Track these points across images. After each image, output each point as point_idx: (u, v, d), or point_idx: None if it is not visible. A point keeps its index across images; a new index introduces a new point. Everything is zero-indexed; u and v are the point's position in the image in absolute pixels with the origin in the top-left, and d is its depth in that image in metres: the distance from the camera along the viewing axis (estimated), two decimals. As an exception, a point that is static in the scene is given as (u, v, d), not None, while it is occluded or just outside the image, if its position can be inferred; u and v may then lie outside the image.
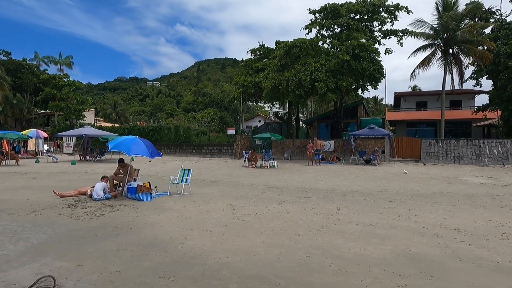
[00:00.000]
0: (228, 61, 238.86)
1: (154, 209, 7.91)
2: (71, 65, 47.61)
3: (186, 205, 8.30)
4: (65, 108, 36.81)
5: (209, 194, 10.08)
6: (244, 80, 33.79)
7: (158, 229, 6.00)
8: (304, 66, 24.38)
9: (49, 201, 8.82)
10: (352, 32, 24.81)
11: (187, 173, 10.19)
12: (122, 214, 7.30)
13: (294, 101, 25.85)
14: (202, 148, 30.77)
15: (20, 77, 43.71)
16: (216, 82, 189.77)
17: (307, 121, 38.17)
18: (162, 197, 9.50)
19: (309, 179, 14.08)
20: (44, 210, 7.68)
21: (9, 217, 7.00)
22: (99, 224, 6.39)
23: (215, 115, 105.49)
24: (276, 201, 8.98)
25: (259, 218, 6.93)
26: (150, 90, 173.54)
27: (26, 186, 11.73)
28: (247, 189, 11.34)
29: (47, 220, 6.76)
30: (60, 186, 11.80)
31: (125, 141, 9.21)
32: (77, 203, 8.49)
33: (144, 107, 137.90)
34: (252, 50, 37.29)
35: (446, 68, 25.69)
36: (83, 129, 23.95)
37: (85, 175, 15.35)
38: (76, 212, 7.50)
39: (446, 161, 22.85)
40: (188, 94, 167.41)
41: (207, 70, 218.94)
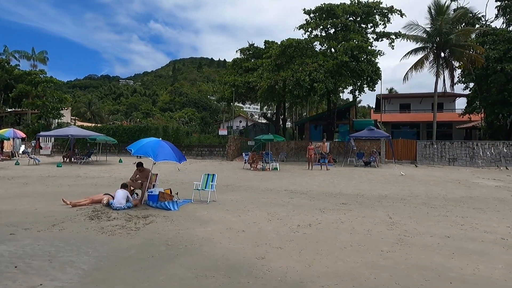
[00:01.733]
0: (205, 60, 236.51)
1: (192, 220, 7.09)
2: (46, 61, 44.81)
3: (224, 215, 7.54)
4: (41, 106, 34.43)
5: (236, 201, 9.34)
6: (235, 80, 33.00)
7: (220, 247, 5.24)
8: (302, 66, 23.99)
9: (63, 212, 7.77)
10: (349, 33, 24.70)
11: (212, 179, 9.39)
12: (161, 227, 6.44)
13: (292, 101, 25.39)
14: (192, 149, 29.70)
15: (-12, 72, 40.58)
16: (192, 81, 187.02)
17: (298, 123, 37.88)
18: (188, 205, 8.66)
19: (325, 183, 13.60)
20: (65, 224, 6.67)
21: (28, 233, 5.97)
22: (144, 241, 5.53)
23: (193, 115, 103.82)
24: (315, 208, 8.39)
25: (318, 230, 6.31)
26: (124, 89, 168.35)
27: (22, 193, 10.47)
28: (270, 194, 10.67)
29: (77, 236, 5.81)
30: (61, 192, 10.63)
31: (148, 144, 8.27)
32: (99, 214, 7.50)
33: (118, 106, 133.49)
34: (241, 50, 36.57)
35: (438, 71, 26.14)
36: (69, 129, 22.28)
37: (80, 180, 14.10)
38: (105, 225, 6.56)
39: (441, 163, 23.19)
40: (164, 93, 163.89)
41: (182, 69, 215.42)
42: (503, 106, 26.12)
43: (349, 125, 31.32)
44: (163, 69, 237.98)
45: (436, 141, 24.39)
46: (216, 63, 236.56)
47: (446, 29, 24.75)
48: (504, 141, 22.87)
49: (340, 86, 23.74)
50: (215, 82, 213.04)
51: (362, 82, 24.16)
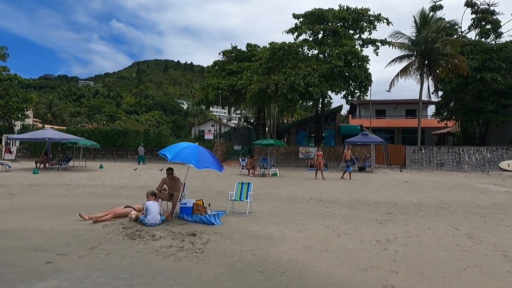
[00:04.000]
0: (170, 63, 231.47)
1: (251, 237, 6.20)
2: (5, 57, 40.76)
3: (283, 230, 6.72)
4: (3, 106, 31.16)
5: (275, 212, 8.54)
6: (219, 82, 32.01)
7: (325, 273, 4.45)
8: (295, 69, 23.63)
9: (88, 229, 6.57)
10: (341, 39, 24.74)
11: (247, 188, 8.52)
12: (226, 248, 5.51)
13: (284, 105, 24.89)
14: (176, 154, 28.19)
15: None
16: (158, 84, 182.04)
17: (284, 127, 37.55)
18: (227, 218, 7.74)
19: (343, 190, 13.15)
20: (105, 246, 5.54)
21: (69, 260, 4.82)
22: (227, 267, 4.61)
23: (161, 118, 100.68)
24: (367, 219, 7.81)
25: (404, 246, 5.71)
26: (86, 90, 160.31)
27: (16, 206, 8.96)
28: (301, 204, 9.97)
29: (137, 263, 4.75)
30: (63, 205, 9.29)
31: (186, 150, 7.23)
32: (136, 232, 6.37)
33: (79, 108, 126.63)
34: (224, 52, 35.67)
35: (422, 78, 26.92)
36: (45, 131, 20.12)
37: (72, 189, 12.55)
38: (156, 247, 5.51)
39: (429, 168, 23.75)
40: (128, 95, 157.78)
41: (147, 71, 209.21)
42: (479, 114, 27.45)
43: (335, 130, 31.43)
44: (126, 70, 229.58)
45: (424, 146, 25.01)
46: (182, 66, 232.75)
47: (431, 38, 25.56)
48: (487, 147, 23.89)
49: (334, 91, 23.61)
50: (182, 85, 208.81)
51: (355, 87, 24.23)
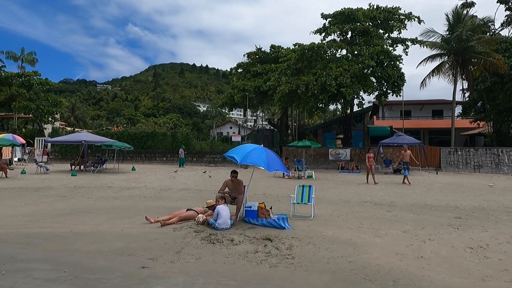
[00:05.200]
0: (186, 66, 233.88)
1: (332, 242, 5.96)
2: (34, 62, 41.91)
3: (360, 235, 6.45)
4: (35, 110, 31.90)
5: (338, 216, 8.28)
6: (245, 84, 31.95)
7: (438, 284, 4.17)
8: (325, 70, 23.28)
9: (161, 233, 6.48)
10: (372, 38, 24.26)
11: (309, 191, 8.28)
12: (317, 253, 5.29)
13: (314, 106, 24.56)
14: (204, 156, 28.27)
15: (-28, 73, 37.38)
16: (174, 87, 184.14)
17: (311, 129, 37.17)
18: (293, 222, 7.50)
19: (392, 193, 12.76)
20: (188, 250, 5.41)
21: (162, 265, 4.69)
22: (333, 276, 4.38)
23: (178, 121, 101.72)
24: (439, 224, 7.45)
25: (505, 254, 5.36)
26: (104, 94, 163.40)
27: (76, 209, 8.97)
28: (359, 207, 9.68)
29: (232, 269, 4.58)
30: (119, 207, 9.28)
31: (255, 153, 7.04)
32: (211, 236, 6.21)
33: (99, 111, 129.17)
34: (249, 54, 35.63)
35: (456, 77, 26.14)
36: (80, 134, 20.39)
37: (118, 191, 12.58)
38: (240, 252, 5.34)
39: (466, 170, 22.96)
40: (145, 98, 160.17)
41: (163, 74, 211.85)
42: (514, 114, 26.44)
43: (364, 131, 30.85)
44: (142, 74, 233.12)
45: (460, 147, 24.23)
46: (198, 68, 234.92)
47: (465, 36, 24.79)
48: (529, 148, 22.95)
49: (367, 92, 23.15)
50: (198, 87, 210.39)
51: (387, 87, 23.70)
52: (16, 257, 4.96)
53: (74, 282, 4.07)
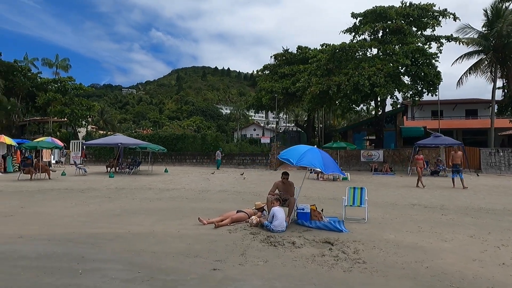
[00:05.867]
0: (208, 69, 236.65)
1: (398, 246, 5.72)
2: (68, 68, 43.65)
3: (422, 239, 6.18)
4: (69, 114, 33.10)
5: (391, 220, 8.00)
6: (272, 86, 31.88)
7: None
8: (357, 70, 22.85)
9: (215, 234, 6.46)
10: (405, 36, 23.62)
11: (360, 193, 8.05)
12: (387, 258, 5.08)
13: (346, 107, 24.14)
14: (233, 158, 28.36)
15: (11, 80, 39.28)
16: (197, 90, 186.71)
17: (340, 130, 36.66)
18: (347, 225, 7.30)
19: (438, 196, 12.29)
20: (251, 253, 5.33)
21: (233, 268, 4.63)
22: (417, 282, 4.17)
23: (201, 123, 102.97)
24: (506, 229, 7.05)
25: None
26: (130, 98, 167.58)
27: (125, 210, 9.12)
28: (406, 210, 9.36)
29: (307, 273, 4.45)
30: (163, 208, 9.40)
31: (309, 154, 6.90)
32: (269, 238, 6.12)
33: (125, 115, 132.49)
34: (275, 55, 35.59)
35: (496, 75, 25.02)
36: (117, 137, 20.94)
37: (159, 193, 12.74)
38: (306, 255, 5.21)
39: (509, 171, 21.88)
40: (169, 102, 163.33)
41: (186, 78, 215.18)
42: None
43: (396, 132, 30.05)
44: (165, 78, 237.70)
45: (502, 148, 23.14)
46: (220, 71, 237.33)
47: (506, 31, 23.69)
48: None
49: (401, 91, 22.54)
50: (220, 90, 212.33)
51: (423, 86, 22.98)
52: (87, 257, 5.03)
53: (152, 284, 4.07)
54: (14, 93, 39.96)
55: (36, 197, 11.03)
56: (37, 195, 11.57)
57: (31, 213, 8.42)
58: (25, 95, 40.47)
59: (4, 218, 7.76)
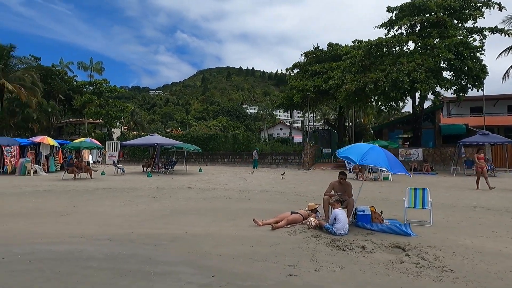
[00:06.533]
0: (232, 69, 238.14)
1: (481, 253, 5.24)
2: (102, 71, 45.05)
3: (506, 245, 5.65)
4: (105, 115, 34.08)
5: (458, 223, 7.46)
6: (304, 84, 31.38)
7: None
8: (395, 65, 21.98)
9: (275, 236, 6.23)
10: (446, 29, 22.48)
11: (423, 194, 7.54)
12: (475, 266, 4.63)
13: (385, 104, 23.29)
14: (265, 157, 28.13)
15: (50, 83, 40.95)
16: (222, 90, 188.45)
17: (376, 128, 35.64)
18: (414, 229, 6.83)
19: (496, 197, 11.47)
20: (322, 257, 5.02)
21: (309, 274, 4.35)
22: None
23: (227, 123, 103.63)
24: None
25: None
26: (157, 99, 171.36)
27: (174, 210, 9.06)
28: (467, 212, 8.75)
29: (392, 281, 4.10)
30: (211, 208, 9.28)
31: (373, 153, 6.48)
32: (333, 242, 5.80)
33: (153, 116, 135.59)
34: (306, 53, 35.04)
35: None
36: (153, 137, 21.22)
37: (200, 192, 12.67)
38: (381, 260, 4.84)
39: None
40: (195, 102, 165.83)
41: (210, 79, 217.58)
42: None
43: (434, 129, 28.77)
44: (191, 79, 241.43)
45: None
46: (244, 72, 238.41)
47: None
48: None
49: (444, 87, 21.48)
50: (245, 90, 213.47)
51: (467, 81, 21.78)
52: (154, 259, 4.91)
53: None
54: (52, 96, 41.67)
55: (85, 197, 11.23)
56: (84, 194, 11.79)
57: (84, 213, 8.51)
58: (62, 98, 42.10)
59: (61, 218, 7.87)
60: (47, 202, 10.10)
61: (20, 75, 31.79)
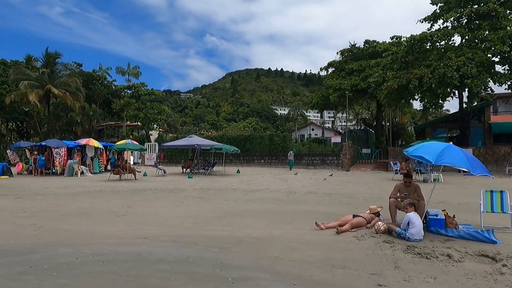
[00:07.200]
0: (261, 71, 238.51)
1: None
2: (138, 75, 46.36)
3: None
4: (142, 118, 35.00)
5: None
6: (340, 83, 30.58)
7: None
8: (442, 60, 20.81)
9: (343, 241, 5.86)
10: (498, 20, 21.00)
11: (501, 196, 6.87)
12: None
13: (431, 102, 22.12)
14: (302, 158, 27.63)
15: (91, 88, 42.70)
16: (251, 92, 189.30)
17: (419, 127, 34.19)
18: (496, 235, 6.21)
19: None
20: (402, 265, 4.60)
21: (400, 284, 3.94)
22: None
23: (257, 125, 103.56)
24: None
25: None
26: (189, 102, 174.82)
27: (228, 212, 8.89)
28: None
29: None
30: (264, 210, 8.99)
31: (451, 152, 5.95)
32: (414, 249, 5.34)
33: (185, 118, 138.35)
34: (342, 51, 34.19)
35: None
36: (193, 139, 21.40)
37: (246, 193, 12.47)
38: (475, 270, 4.35)
39: None
40: (225, 104, 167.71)
41: (239, 80, 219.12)
42: None
43: (483, 128, 27.03)
44: (220, 81, 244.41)
45: None
46: (273, 73, 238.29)
47: None
48: None
49: (497, 82, 20.07)
50: (274, 91, 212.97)
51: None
52: (225, 263, 4.70)
53: (320, 299, 3.55)
54: (93, 100, 43.42)
55: (135, 197, 11.36)
56: (134, 195, 11.95)
57: (139, 213, 8.54)
58: (102, 102, 43.76)
59: (118, 218, 7.92)
60: (101, 202, 10.29)
61: (65, 81, 33.32)
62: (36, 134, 36.04)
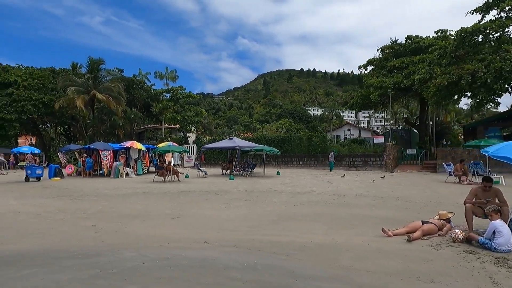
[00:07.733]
0: (293, 71, 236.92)
1: None
2: (176, 79, 47.47)
3: None
4: (181, 121, 35.70)
5: None
6: (382, 81, 29.38)
7: None
8: (498, 54, 19.30)
9: (417, 250, 5.39)
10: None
11: None
12: None
13: (485, 98, 20.64)
14: (343, 159, 26.82)
15: (131, 92, 44.27)
16: (284, 93, 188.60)
17: (469, 126, 32.26)
18: None
19: None
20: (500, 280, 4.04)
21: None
22: None
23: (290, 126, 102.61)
24: None
25: None
26: (222, 104, 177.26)
27: (278, 214, 8.62)
28: None
29: None
30: (319, 214, 8.62)
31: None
32: (505, 261, 4.75)
33: (218, 120, 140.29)
34: (382, 48, 32.92)
35: None
36: (233, 140, 21.40)
37: (292, 196, 12.13)
38: None
39: None
40: (258, 106, 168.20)
41: (271, 82, 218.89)
42: None
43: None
44: (252, 83, 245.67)
45: None
46: (305, 73, 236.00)
47: None
48: None
49: None
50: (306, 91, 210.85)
51: None
52: (297, 272, 4.39)
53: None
54: (134, 104, 45.00)
55: (182, 199, 11.39)
56: (181, 196, 11.99)
57: (191, 216, 8.47)
58: (142, 105, 45.22)
59: (173, 221, 7.87)
60: (152, 204, 10.38)
61: (108, 86, 34.76)
62: (82, 138, 37.85)
